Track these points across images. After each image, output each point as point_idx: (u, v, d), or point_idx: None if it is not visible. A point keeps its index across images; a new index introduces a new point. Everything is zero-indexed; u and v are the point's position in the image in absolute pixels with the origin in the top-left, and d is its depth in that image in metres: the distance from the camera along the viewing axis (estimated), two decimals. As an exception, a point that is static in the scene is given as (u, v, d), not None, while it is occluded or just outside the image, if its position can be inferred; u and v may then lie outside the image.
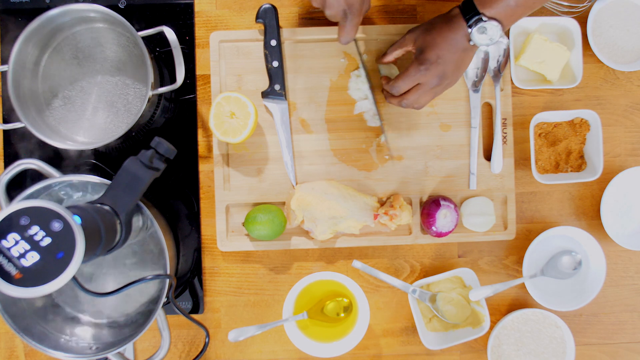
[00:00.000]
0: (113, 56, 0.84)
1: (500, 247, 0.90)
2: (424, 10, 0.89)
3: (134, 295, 0.82)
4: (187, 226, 0.88)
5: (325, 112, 0.86)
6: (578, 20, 0.86)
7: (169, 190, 0.88)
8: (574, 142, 0.87)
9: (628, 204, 0.88)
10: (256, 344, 0.89)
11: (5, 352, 0.88)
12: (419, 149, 0.87)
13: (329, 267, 0.89)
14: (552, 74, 0.86)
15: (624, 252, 0.90)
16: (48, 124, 0.82)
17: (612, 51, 0.88)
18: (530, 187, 0.90)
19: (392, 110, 0.86)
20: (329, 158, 0.86)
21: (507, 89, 0.87)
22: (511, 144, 0.87)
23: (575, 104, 0.90)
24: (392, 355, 0.89)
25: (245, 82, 0.86)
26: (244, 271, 0.88)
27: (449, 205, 0.82)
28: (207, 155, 0.88)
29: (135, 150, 0.70)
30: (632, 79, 0.90)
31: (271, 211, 0.82)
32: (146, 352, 0.88)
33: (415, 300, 0.85)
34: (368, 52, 0.86)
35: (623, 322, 0.91)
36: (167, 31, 0.78)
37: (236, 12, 0.89)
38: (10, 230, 0.53)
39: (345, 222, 0.84)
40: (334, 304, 0.83)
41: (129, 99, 0.84)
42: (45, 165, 0.74)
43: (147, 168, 0.68)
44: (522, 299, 0.90)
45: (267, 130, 0.86)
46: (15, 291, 0.53)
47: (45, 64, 0.83)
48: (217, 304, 0.88)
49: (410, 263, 0.89)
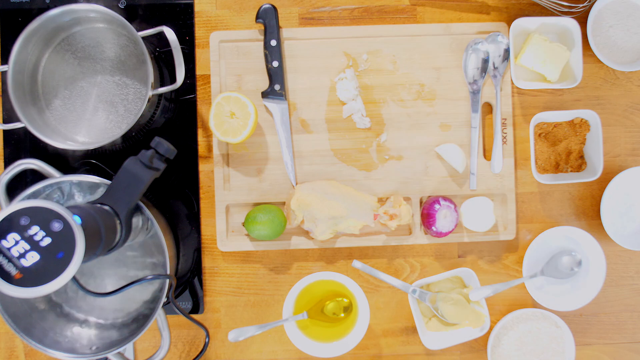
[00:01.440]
0: (113, 56, 0.84)
1: (500, 247, 0.89)
2: (424, 10, 0.89)
3: (134, 295, 0.82)
4: (187, 226, 0.88)
5: (325, 112, 0.86)
6: (578, 20, 0.86)
7: (169, 190, 0.88)
8: (574, 142, 0.87)
9: (628, 204, 0.88)
10: (256, 344, 0.89)
11: (5, 352, 0.88)
12: (419, 149, 0.87)
13: (329, 267, 0.89)
14: (552, 74, 0.86)
15: (624, 252, 0.90)
16: (48, 124, 0.82)
17: (612, 51, 0.88)
18: (530, 187, 0.90)
19: (392, 110, 0.86)
20: (329, 158, 0.86)
21: (507, 89, 0.87)
22: (511, 144, 0.87)
23: (575, 104, 0.90)
24: (392, 355, 0.89)
25: (245, 82, 0.86)
26: (244, 271, 0.88)
27: (449, 205, 0.82)
28: (207, 155, 0.88)
29: (135, 150, 0.70)
30: (632, 79, 0.90)
31: (271, 211, 0.82)
32: (146, 352, 0.88)
33: (415, 300, 0.85)
34: (369, 52, 0.86)
35: (623, 322, 0.91)
36: (167, 31, 0.78)
37: (236, 12, 0.89)
38: (10, 230, 0.53)
39: (345, 222, 0.83)
40: (334, 304, 0.83)
41: (129, 99, 0.84)
42: (45, 165, 0.74)
43: (147, 168, 0.68)
44: (522, 299, 0.90)
45: (267, 130, 0.86)
46: (15, 291, 0.53)
47: (45, 64, 0.83)
48: (217, 304, 0.88)
49: (410, 263, 0.89)
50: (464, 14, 0.89)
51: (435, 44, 0.87)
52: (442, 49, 0.87)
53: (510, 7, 0.89)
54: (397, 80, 0.87)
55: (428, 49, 0.87)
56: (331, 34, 0.86)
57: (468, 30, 0.87)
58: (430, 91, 0.87)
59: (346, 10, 0.89)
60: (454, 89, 0.87)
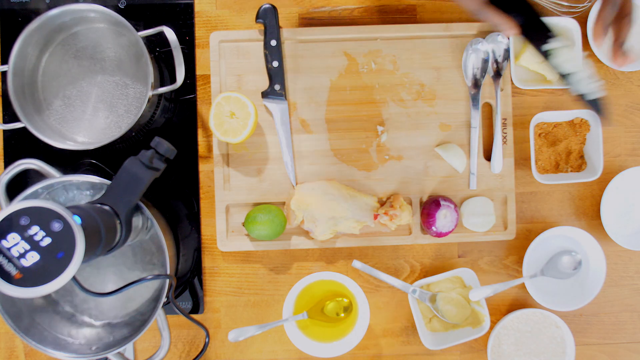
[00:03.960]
0: (113, 56, 0.84)
1: (500, 247, 0.89)
2: (424, 10, 0.89)
3: (134, 296, 0.82)
4: (187, 226, 0.88)
5: (325, 112, 0.86)
6: (578, 20, 0.86)
7: (169, 190, 0.88)
8: (574, 142, 0.87)
9: (628, 204, 0.88)
10: (256, 344, 0.89)
11: (5, 352, 0.88)
12: (419, 149, 0.87)
13: (329, 267, 0.89)
14: (552, 74, 0.86)
15: (624, 252, 0.90)
16: (48, 124, 0.82)
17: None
18: (530, 187, 0.90)
19: (392, 110, 0.86)
20: (329, 158, 0.86)
21: (507, 89, 0.87)
22: (511, 144, 0.87)
23: (575, 104, 0.90)
24: (392, 355, 0.89)
25: (245, 82, 0.86)
26: (244, 271, 0.88)
27: (449, 205, 0.82)
28: (207, 155, 0.88)
29: (135, 150, 0.70)
30: (632, 79, 0.90)
31: (271, 211, 0.82)
32: (146, 352, 0.88)
33: (415, 300, 0.85)
34: (369, 53, 0.86)
35: (623, 322, 0.91)
36: (167, 31, 0.78)
37: (236, 12, 0.89)
38: (10, 230, 0.53)
39: (345, 222, 0.83)
40: (334, 304, 0.83)
41: (129, 99, 0.84)
42: (45, 165, 0.74)
43: (147, 168, 0.68)
44: (522, 299, 0.90)
45: (267, 130, 0.86)
46: (15, 291, 0.53)
47: (45, 64, 0.83)
48: (217, 304, 0.88)
49: (410, 263, 0.89)
50: (464, 14, 0.89)
51: (435, 44, 0.87)
52: (442, 49, 0.87)
53: (510, 7, 0.89)
54: (397, 80, 0.87)
55: (428, 49, 0.87)
56: (331, 34, 0.86)
57: (468, 30, 0.87)
58: (430, 91, 0.87)
59: (346, 10, 0.89)
60: (454, 89, 0.87)
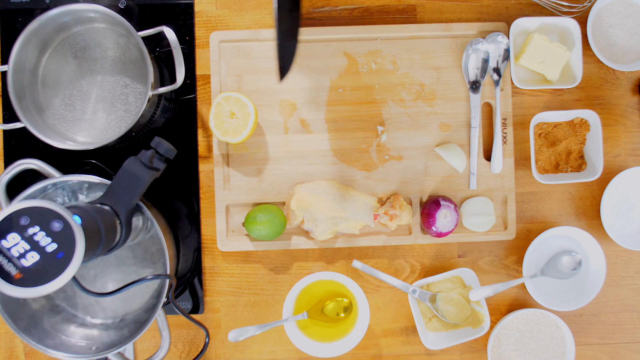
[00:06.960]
0: (113, 56, 0.84)
1: (500, 247, 0.89)
2: (424, 10, 0.89)
3: (134, 296, 0.82)
4: (187, 226, 0.88)
5: (325, 112, 0.86)
6: (578, 20, 0.86)
7: (169, 190, 0.88)
8: (574, 142, 0.87)
9: (628, 204, 0.88)
10: (256, 344, 0.89)
11: (5, 352, 0.88)
12: (419, 149, 0.87)
13: (329, 267, 0.89)
14: (552, 74, 0.86)
15: (624, 252, 0.90)
16: (48, 124, 0.82)
17: (612, 51, 0.88)
18: (530, 187, 0.90)
19: (392, 110, 0.86)
20: (329, 158, 0.86)
21: (507, 89, 0.87)
22: (511, 144, 0.87)
23: (575, 104, 0.90)
24: (392, 355, 0.89)
25: (245, 82, 0.86)
26: (244, 271, 0.88)
27: (449, 205, 0.82)
28: (207, 155, 0.88)
29: (135, 150, 0.70)
30: (632, 79, 0.90)
31: (271, 211, 0.82)
32: (146, 352, 0.88)
33: (415, 300, 0.85)
34: (369, 53, 0.86)
35: (623, 322, 0.91)
36: (167, 31, 0.78)
37: (236, 12, 0.89)
38: (10, 230, 0.53)
39: (345, 222, 0.83)
40: (334, 304, 0.83)
41: (129, 99, 0.84)
42: (45, 165, 0.74)
43: (147, 168, 0.68)
44: (522, 299, 0.90)
45: (267, 130, 0.86)
46: (15, 291, 0.53)
47: (45, 64, 0.83)
48: (217, 304, 0.88)
49: (410, 263, 0.89)
50: (463, 14, 0.89)
51: (435, 44, 0.87)
52: (442, 49, 0.87)
53: (510, 7, 0.89)
54: (397, 80, 0.87)
55: (428, 49, 0.87)
56: (331, 34, 0.86)
57: (468, 30, 0.87)
58: (430, 91, 0.87)
59: (346, 10, 0.89)
60: (454, 89, 0.87)
